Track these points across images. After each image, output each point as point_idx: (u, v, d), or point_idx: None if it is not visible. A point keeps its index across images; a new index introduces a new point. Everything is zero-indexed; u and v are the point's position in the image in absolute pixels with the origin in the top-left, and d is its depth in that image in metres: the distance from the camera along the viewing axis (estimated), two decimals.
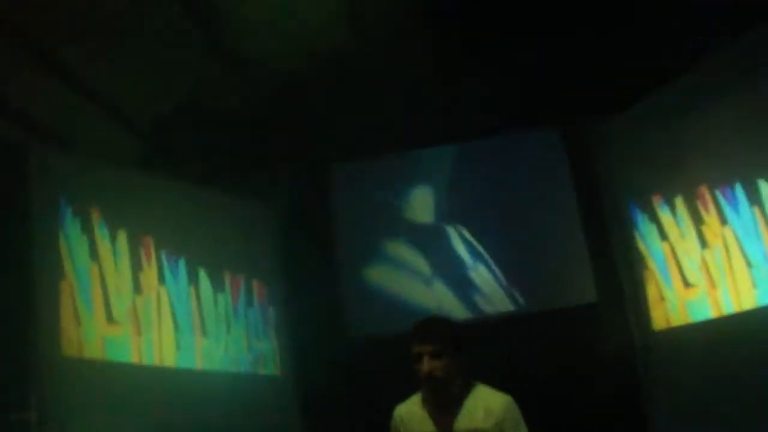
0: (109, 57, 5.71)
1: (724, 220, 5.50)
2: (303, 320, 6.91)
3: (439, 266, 7.20)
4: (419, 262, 7.21)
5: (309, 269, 7.01)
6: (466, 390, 3.38)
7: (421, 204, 7.31)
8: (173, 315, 5.85)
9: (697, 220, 5.74)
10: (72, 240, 5.17)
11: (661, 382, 6.17)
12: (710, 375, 5.58)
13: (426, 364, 3.29)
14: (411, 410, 3.49)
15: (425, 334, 3.35)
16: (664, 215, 6.05)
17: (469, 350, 3.42)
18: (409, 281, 7.15)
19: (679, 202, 5.88)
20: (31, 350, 4.74)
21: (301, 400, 6.68)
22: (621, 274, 6.55)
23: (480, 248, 7.16)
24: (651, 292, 6.24)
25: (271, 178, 6.96)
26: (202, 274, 6.23)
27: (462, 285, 7.14)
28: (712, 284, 5.66)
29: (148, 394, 5.42)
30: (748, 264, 5.33)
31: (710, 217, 5.63)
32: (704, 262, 5.71)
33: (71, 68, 5.71)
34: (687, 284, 5.89)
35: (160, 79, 6.17)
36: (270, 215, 7.10)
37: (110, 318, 5.32)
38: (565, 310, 6.79)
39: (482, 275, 7.11)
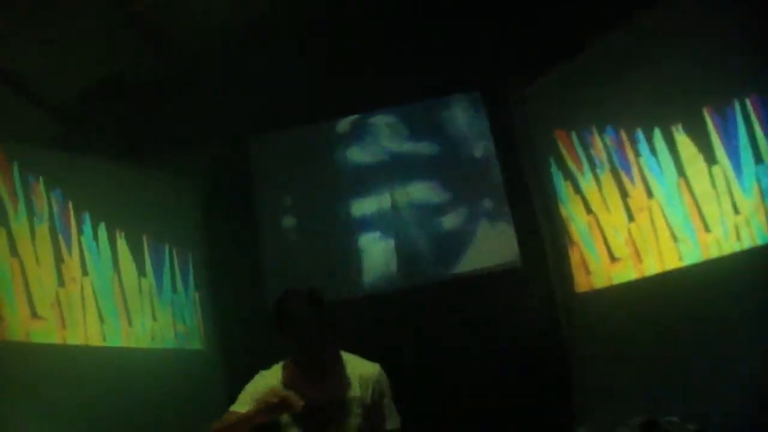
0: (21, 33, 5.46)
1: (650, 192, 5.57)
2: (227, 294, 6.82)
3: (361, 232, 7.14)
4: (340, 229, 7.14)
5: (231, 243, 6.90)
6: (335, 359, 3.32)
7: (340, 170, 7.24)
8: (97, 302, 5.72)
9: (623, 193, 5.79)
10: None
11: (584, 343, 6.25)
12: (632, 335, 5.65)
13: (305, 328, 3.20)
14: (270, 376, 3.35)
15: (299, 300, 3.25)
16: (588, 185, 6.12)
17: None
18: (330, 248, 7.09)
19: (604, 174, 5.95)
20: None
21: (226, 372, 6.61)
22: (544, 238, 6.60)
23: (403, 212, 7.13)
24: (574, 257, 6.30)
25: (190, 153, 6.79)
26: (124, 249, 6.10)
27: (385, 250, 7.10)
28: (639, 258, 5.73)
29: (73, 374, 5.31)
30: (674, 238, 5.42)
31: (636, 190, 5.69)
32: (630, 235, 5.77)
33: None
34: (613, 258, 5.96)
35: (76, 56, 5.94)
36: (190, 189, 6.98)
37: (34, 313, 5.18)
38: (488, 274, 6.82)
39: (404, 242, 7.08)
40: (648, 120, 5.52)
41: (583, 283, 6.26)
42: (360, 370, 3.33)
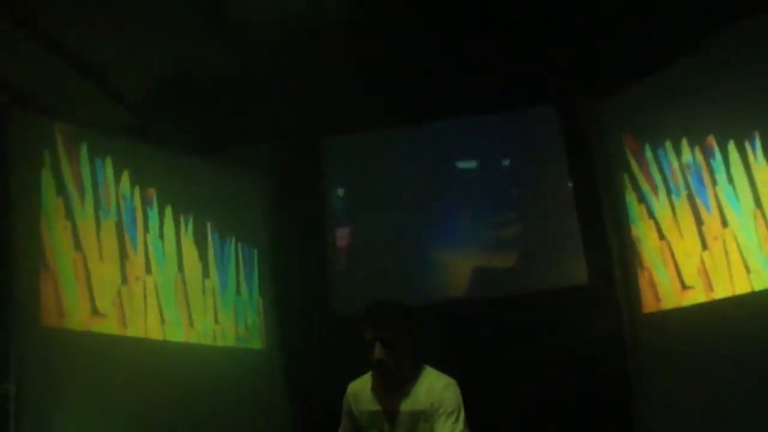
0: (97, 26, 5.58)
1: (725, 221, 5.44)
2: (290, 295, 6.84)
3: (429, 244, 7.09)
4: (408, 240, 7.10)
5: (298, 244, 6.92)
6: (414, 374, 3.53)
7: (413, 180, 7.18)
8: (159, 301, 5.76)
9: (698, 220, 5.68)
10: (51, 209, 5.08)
11: (649, 364, 6.11)
12: (699, 359, 5.52)
13: (377, 352, 3.40)
14: (361, 388, 3.65)
15: (377, 321, 3.45)
16: (661, 209, 5.99)
17: (420, 335, 3.56)
18: (398, 260, 7.03)
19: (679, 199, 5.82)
20: (10, 320, 4.66)
21: (285, 374, 6.63)
22: (612, 258, 6.48)
23: (471, 226, 7.06)
24: (643, 279, 6.16)
25: (262, 150, 6.84)
26: (190, 245, 6.14)
27: (452, 264, 7.03)
28: (710, 287, 5.60)
29: (133, 367, 5.35)
30: (747, 269, 5.28)
31: (711, 218, 5.57)
32: (703, 263, 5.64)
33: (58, 37, 5.57)
34: (684, 286, 5.82)
35: (149, 48, 6.04)
36: (261, 186, 6.99)
37: (95, 310, 5.24)
38: (555, 291, 6.69)
39: (472, 254, 7.01)
40: (725, 142, 5.39)
41: (651, 305, 6.12)
42: (431, 383, 3.51)
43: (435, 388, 3.47)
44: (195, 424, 5.55)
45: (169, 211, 5.97)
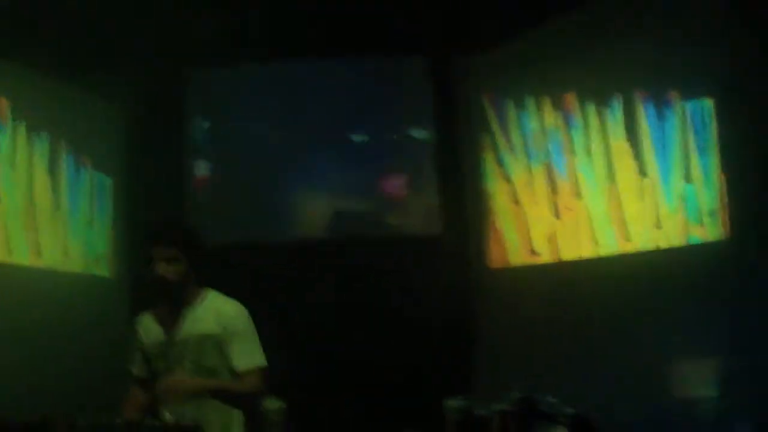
0: None
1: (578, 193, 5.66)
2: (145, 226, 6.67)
3: (287, 183, 7.08)
4: (268, 178, 7.05)
5: (155, 174, 6.73)
6: (197, 296, 3.35)
7: (275, 117, 7.11)
8: (6, 225, 5.47)
9: (553, 189, 5.88)
10: None
11: (490, 317, 6.39)
12: (541, 315, 5.78)
13: (160, 267, 3.24)
14: (148, 317, 3.45)
15: (161, 238, 3.30)
16: (519, 174, 6.17)
17: (202, 256, 3.38)
18: (256, 196, 6.99)
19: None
20: None
21: (133, 304, 6.50)
22: (466, 213, 6.68)
23: (329, 167, 7.08)
24: (494, 238, 6.40)
25: (123, 77, 6.56)
26: (42, 170, 5.88)
27: (309, 205, 7.07)
28: (558, 256, 5.86)
29: None
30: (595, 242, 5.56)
31: (566, 187, 5.77)
32: (554, 232, 5.87)
33: None
34: (533, 252, 6.07)
35: None
36: (119, 114, 6.75)
37: None
38: (408, 238, 6.86)
39: (328, 197, 7.05)
40: (586, 107, 5.59)
41: (499, 261, 6.37)
42: (218, 307, 3.33)
43: (225, 312, 3.30)
44: (37, 347, 5.33)
45: (22, 130, 5.69)
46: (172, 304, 3.33)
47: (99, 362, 5.68)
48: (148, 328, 3.41)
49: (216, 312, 3.30)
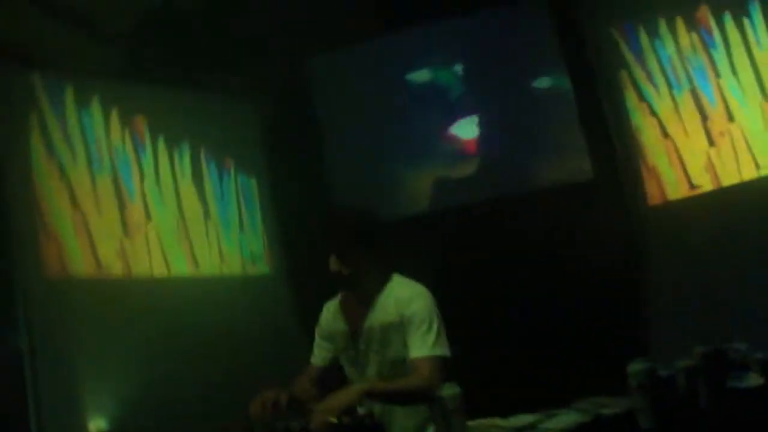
0: None
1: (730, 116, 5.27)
2: (292, 216, 6.76)
3: (429, 150, 6.98)
4: (408, 148, 6.98)
5: (297, 165, 6.81)
6: (382, 283, 3.25)
7: (406, 87, 7.00)
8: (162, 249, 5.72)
9: (703, 116, 5.52)
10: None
11: (658, 255, 6.07)
12: (707, 246, 5.46)
13: (331, 263, 3.18)
14: (334, 307, 3.40)
15: (325, 232, 3.25)
16: (665, 107, 5.81)
17: (386, 242, 3.28)
18: (398, 169, 6.96)
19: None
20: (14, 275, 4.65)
21: (295, 298, 6.62)
22: (617, 156, 6.37)
23: (470, 128, 6.92)
24: (648, 175, 6.07)
25: (250, 76, 6.65)
26: (188, 185, 6.08)
27: (453, 167, 6.94)
28: (719, 184, 5.50)
29: (141, 306, 5.35)
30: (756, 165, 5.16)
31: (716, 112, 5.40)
32: (710, 161, 5.51)
33: None
34: (692, 186, 5.74)
35: None
36: (253, 112, 6.86)
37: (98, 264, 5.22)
38: (560, 188, 6.60)
39: (472, 156, 6.90)
40: (724, 18, 5.19)
41: (656, 197, 6.05)
42: (399, 292, 3.22)
43: (403, 298, 3.17)
44: (207, 351, 5.55)
45: (161, 145, 5.86)
46: (354, 295, 3.28)
47: (271, 357, 5.81)
48: (332, 319, 3.39)
49: (396, 299, 3.20)
